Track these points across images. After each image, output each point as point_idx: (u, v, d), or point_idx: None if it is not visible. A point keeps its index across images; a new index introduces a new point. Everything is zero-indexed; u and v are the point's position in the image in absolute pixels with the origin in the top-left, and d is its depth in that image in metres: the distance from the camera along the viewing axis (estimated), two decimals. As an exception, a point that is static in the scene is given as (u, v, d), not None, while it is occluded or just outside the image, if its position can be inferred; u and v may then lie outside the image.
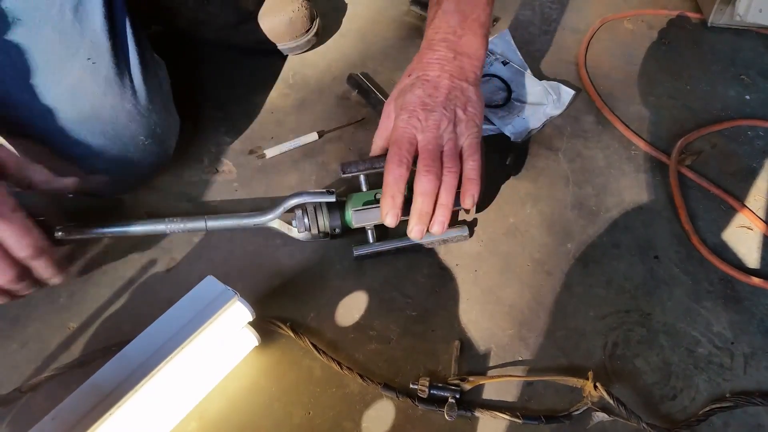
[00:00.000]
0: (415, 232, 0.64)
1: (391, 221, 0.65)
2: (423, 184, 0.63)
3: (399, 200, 0.64)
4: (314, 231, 0.69)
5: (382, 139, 0.70)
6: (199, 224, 0.70)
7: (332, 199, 0.67)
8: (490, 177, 0.74)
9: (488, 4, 0.68)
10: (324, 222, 0.69)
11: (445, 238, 0.71)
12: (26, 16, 0.59)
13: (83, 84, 0.63)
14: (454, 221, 0.74)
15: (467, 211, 0.74)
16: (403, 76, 0.69)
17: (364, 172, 0.70)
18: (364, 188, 0.70)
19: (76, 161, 0.68)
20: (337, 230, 0.69)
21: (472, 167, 0.65)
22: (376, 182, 0.69)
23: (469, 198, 0.65)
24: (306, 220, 0.68)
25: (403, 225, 0.70)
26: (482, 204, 0.77)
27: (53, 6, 0.60)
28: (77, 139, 0.65)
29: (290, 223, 0.71)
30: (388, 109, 0.69)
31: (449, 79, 0.66)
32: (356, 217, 0.68)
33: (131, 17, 0.67)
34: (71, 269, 0.70)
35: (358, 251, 0.70)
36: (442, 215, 0.64)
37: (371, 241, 0.70)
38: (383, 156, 0.68)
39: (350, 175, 0.69)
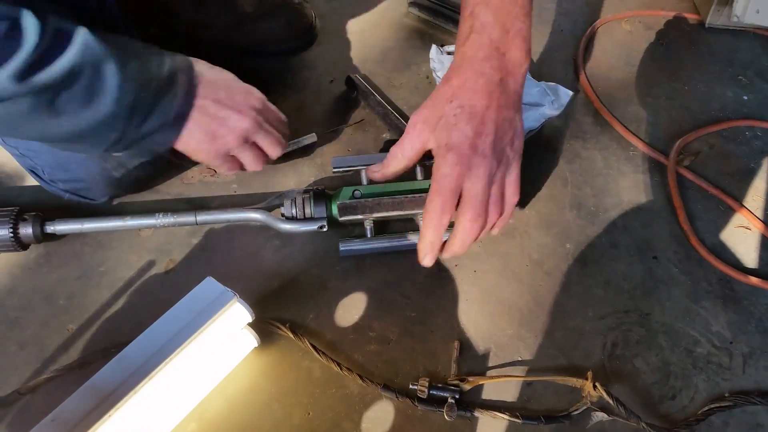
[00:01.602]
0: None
1: (428, 263, 0.60)
2: (466, 232, 0.58)
3: (438, 245, 0.59)
4: (299, 216, 0.70)
5: (405, 158, 0.62)
6: (189, 218, 0.71)
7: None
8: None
9: (527, 15, 0.59)
10: (310, 212, 0.70)
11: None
12: None
13: None
14: None
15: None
16: (439, 97, 0.59)
17: (356, 168, 0.71)
18: (364, 182, 0.71)
19: (71, 165, 0.68)
20: (324, 227, 0.69)
21: (510, 204, 0.61)
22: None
23: (498, 229, 0.62)
24: (293, 210, 0.70)
25: (395, 225, 0.74)
26: None
27: None
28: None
29: (281, 215, 0.72)
30: (419, 129, 0.60)
31: (497, 111, 0.57)
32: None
33: (126, 20, 0.67)
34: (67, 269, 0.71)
35: (345, 246, 0.71)
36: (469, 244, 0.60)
37: (369, 236, 0.70)
38: (378, 155, 0.70)
39: (341, 170, 0.71)
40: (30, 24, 0.47)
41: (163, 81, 0.57)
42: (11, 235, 0.68)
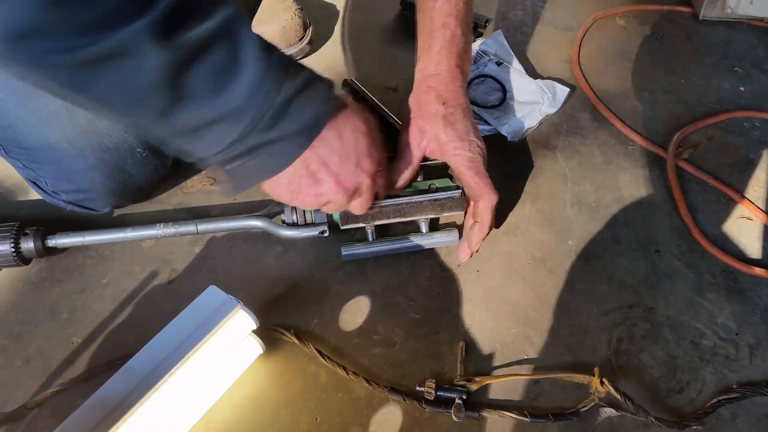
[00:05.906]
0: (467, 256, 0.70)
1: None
2: (493, 207, 0.67)
3: None
4: (300, 222, 0.70)
5: (413, 168, 0.69)
6: (190, 228, 0.71)
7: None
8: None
9: (472, 24, 0.73)
10: (311, 217, 0.70)
11: (437, 243, 0.72)
12: None
13: None
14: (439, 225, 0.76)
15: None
16: (430, 103, 0.67)
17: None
18: None
19: (75, 174, 0.68)
20: (325, 232, 0.69)
21: None
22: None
23: None
24: (294, 216, 0.70)
25: (396, 227, 0.74)
26: None
27: None
28: (75, 152, 0.65)
29: (282, 222, 0.71)
30: (418, 137, 0.67)
31: (469, 104, 0.70)
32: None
33: None
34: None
35: (347, 250, 0.71)
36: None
37: (371, 239, 0.70)
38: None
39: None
40: None
41: (303, 80, 0.50)
42: (13, 249, 0.68)
